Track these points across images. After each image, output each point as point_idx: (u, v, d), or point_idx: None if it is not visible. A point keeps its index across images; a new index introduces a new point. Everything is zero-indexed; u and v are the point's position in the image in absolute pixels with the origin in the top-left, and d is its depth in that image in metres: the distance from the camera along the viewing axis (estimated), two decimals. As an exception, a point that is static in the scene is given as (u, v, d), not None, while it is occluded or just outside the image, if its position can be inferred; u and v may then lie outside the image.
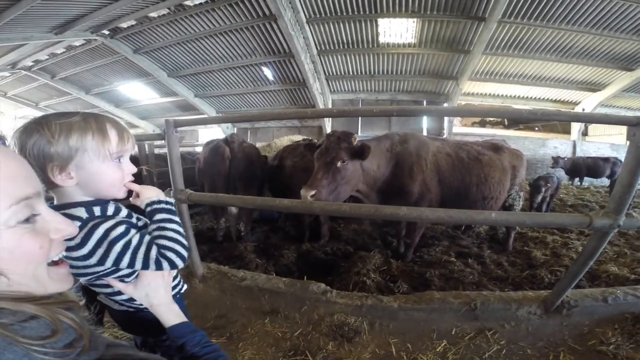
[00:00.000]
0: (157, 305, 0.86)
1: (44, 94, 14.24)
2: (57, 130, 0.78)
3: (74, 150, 0.79)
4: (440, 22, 8.40)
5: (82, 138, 0.80)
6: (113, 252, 0.82)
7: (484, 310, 2.12)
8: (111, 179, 0.86)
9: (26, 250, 0.46)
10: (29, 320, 0.43)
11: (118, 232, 0.83)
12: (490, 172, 3.22)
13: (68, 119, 0.80)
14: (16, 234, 0.44)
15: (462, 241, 3.95)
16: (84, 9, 7.19)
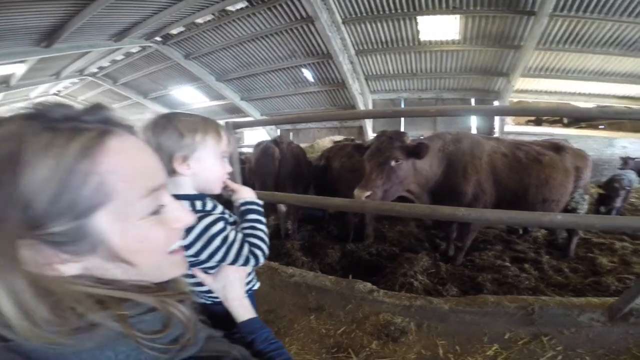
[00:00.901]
0: (232, 299, 0.88)
1: (107, 99, 15.64)
2: (187, 125, 0.91)
3: (198, 144, 0.92)
4: (485, 17, 8.01)
5: (205, 135, 0.93)
6: (211, 246, 0.91)
7: (542, 315, 2.03)
8: (217, 175, 0.98)
9: (154, 241, 0.47)
10: (147, 313, 0.44)
11: (218, 228, 0.93)
12: (552, 173, 3.02)
13: (192, 117, 0.94)
14: (146, 224, 0.45)
15: (518, 246, 3.73)
16: (138, 17, 7.81)
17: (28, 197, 0.37)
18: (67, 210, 0.39)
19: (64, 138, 0.39)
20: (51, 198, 0.38)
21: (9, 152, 0.36)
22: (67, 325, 0.38)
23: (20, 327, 0.36)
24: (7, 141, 0.37)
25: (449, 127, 10.24)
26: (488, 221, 1.96)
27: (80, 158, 0.39)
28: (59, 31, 6.92)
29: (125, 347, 0.40)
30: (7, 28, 6.08)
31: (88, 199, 0.40)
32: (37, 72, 10.08)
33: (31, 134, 0.38)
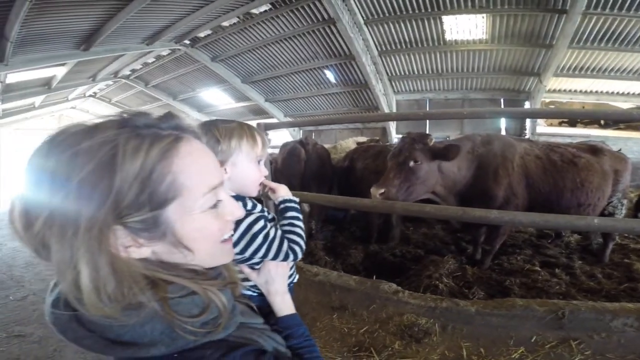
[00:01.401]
0: (274, 293, 0.91)
1: (140, 100, 16.33)
2: (223, 132, 0.97)
3: (233, 149, 0.97)
4: (513, 16, 7.75)
5: (240, 141, 0.98)
6: (254, 244, 0.96)
7: (572, 320, 1.99)
8: (253, 178, 1.03)
9: (211, 231, 0.53)
10: (187, 296, 0.49)
11: (259, 226, 0.98)
12: (588, 176, 2.90)
13: (229, 124, 1.00)
14: (206, 217, 0.52)
15: (549, 250, 3.61)
16: (168, 20, 8.07)
17: (120, 191, 0.44)
18: (147, 203, 0.46)
19: (148, 143, 0.47)
20: (137, 192, 0.45)
21: (108, 155, 0.44)
22: (122, 302, 0.44)
23: (89, 300, 0.43)
24: (106, 145, 0.44)
25: (477, 129, 9.94)
26: (521, 224, 1.92)
27: (159, 160, 0.47)
28: (96, 35, 7.27)
29: (159, 325, 0.46)
30: (49, 32, 6.43)
31: (164, 193, 0.47)
32: (76, 74, 10.64)
33: (124, 139, 0.45)
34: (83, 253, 0.42)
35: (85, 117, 17.87)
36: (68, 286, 0.43)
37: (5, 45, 5.89)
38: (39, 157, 0.45)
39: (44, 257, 0.46)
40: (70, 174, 0.42)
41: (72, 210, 0.42)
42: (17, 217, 0.45)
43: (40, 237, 0.44)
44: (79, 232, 0.42)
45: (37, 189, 0.44)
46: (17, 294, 3.70)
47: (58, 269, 0.43)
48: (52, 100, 14.28)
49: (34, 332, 2.90)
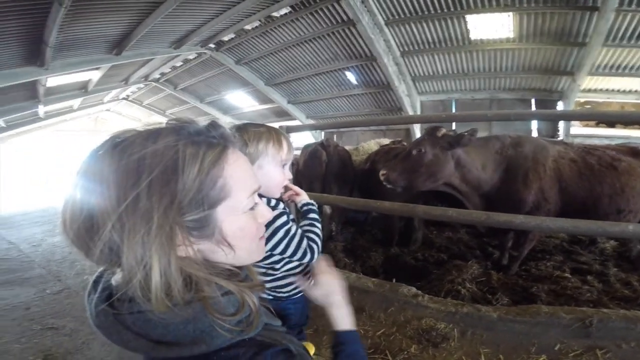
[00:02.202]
0: (335, 306, 0.86)
1: (169, 103, 16.96)
2: (252, 135, 1.02)
3: (260, 152, 1.03)
4: (541, 14, 7.44)
5: (267, 145, 1.03)
6: (275, 238, 1.02)
7: (600, 328, 1.91)
8: (277, 181, 1.08)
9: (251, 230, 0.58)
10: (224, 295, 0.51)
11: (281, 221, 1.04)
12: (629, 181, 2.74)
13: (258, 128, 1.05)
14: (247, 217, 0.57)
15: (581, 257, 3.44)
16: (193, 25, 8.32)
17: (183, 191, 0.48)
18: (203, 203, 0.50)
19: (203, 151, 0.51)
20: (194, 194, 0.49)
21: (172, 159, 0.48)
22: (173, 300, 0.46)
23: (157, 296, 0.45)
24: (170, 150, 0.48)
25: (506, 130, 9.56)
26: (549, 230, 1.84)
27: (213, 166, 0.52)
28: (126, 40, 7.61)
29: (201, 324, 0.48)
30: (84, 37, 6.80)
31: (216, 195, 0.52)
32: (110, 78, 11.20)
33: (183, 145, 0.50)
34: (155, 250, 0.45)
35: (119, 119, 18.83)
36: (137, 284, 0.45)
37: (45, 50, 6.26)
38: (102, 161, 0.48)
39: (100, 260, 0.48)
40: (141, 176, 0.46)
41: (144, 210, 0.45)
42: (77, 219, 0.48)
43: (106, 239, 0.45)
44: (151, 231, 0.45)
45: (102, 191, 0.46)
46: (54, 287, 3.93)
47: (128, 268, 0.45)
48: (88, 103, 15.11)
49: (66, 324, 3.07)
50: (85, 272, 3.19)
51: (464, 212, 1.96)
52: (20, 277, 4.30)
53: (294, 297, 1.18)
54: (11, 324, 3.12)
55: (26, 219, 8.42)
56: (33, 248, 5.67)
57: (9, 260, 5.09)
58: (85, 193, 0.47)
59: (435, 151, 2.74)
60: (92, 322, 0.50)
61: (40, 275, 4.35)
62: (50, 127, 19.04)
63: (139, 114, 19.64)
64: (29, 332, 2.95)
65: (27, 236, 6.57)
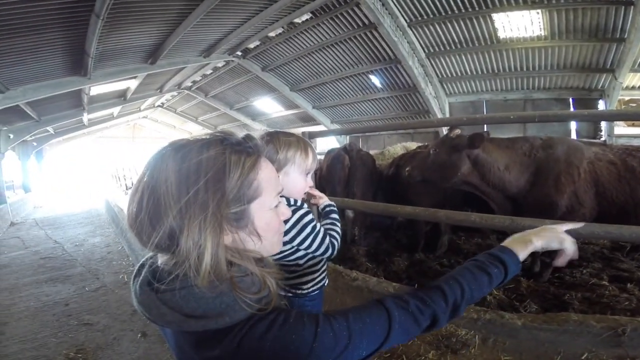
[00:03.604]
0: (531, 243, 0.86)
1: (200, 110, 17.67)
2: (282, 144, 1.13)
3: (288, 160, 1.13)
4: (572, 10, 7.10)
5: (295, 154, 1.14)
6: (303, 233, 1.12)
7: (634, 337, 1.78)
8: (300, 187, 1.18)
9: (275, 224, 0.70)
10: (247, 276, 0.61)
11: (309, 219, 1.14)
12: None
13: (288, 137, 1.16)
14: (272, 213, 0.68)
15: (622, 264, 3.22)
16: (220, 33, 8.66)
17: (229, 189, 0.59)
18: (242, 199, 0.62)
19: (244, 158, 0.62)
20: (237, 191, 0.61)
21: (222, 164, 0.59)
22: (216, 277, 0.57)
23: (205, 272, 0.56)
24: (220, 157, 0.60)
25: (542, 131, 9.11)
26: (579, 235, 1.74)
27: (250, 170, 0.63)
28: (160, 49, 8.05)
29: (227, 298, 0.57)
30: (121, 47, 7.28)
31: (252, 193, 0.63)
32: (146, 86, 11.89)
33: (229, 154, 0.61)
34: (209, 234, 0.56)
35: (155, 125, 19.74)
36: (192, 261, 0.55)
37: (87, 61, 6.75)
38: (166, 164, 0.58)
39: (157, 245, 0.58)
40: (200, 175, 0.57)
41: (202, 201, 0.56)
42: (142, 210, 0.58)
43: (167, 226, 0.56)
44: (207, 218, 0.56)
45: (167, 188, 0.56)
46: (92, 285, 4.21)
47: (187, 248, 0.55)
48: (127, 111, 16.06)
49: (100, 321, 3.27)
50: (121, 271, 3.45)
51: (487, 217, 1.90)
52: (62, 275, 4.66)
53: (312, 293, 1.26)
54: (51, 319, 3.38)
55: (71, 220, 9.07)
56: (76, 247, 6.10)
57: (53, 258, 5.51)
58: (149, 190, 0.58)
59: (448, 151, 2.86)
60: (135, 300, 0.60)
61: (80, 274, 4.68)
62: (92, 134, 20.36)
63: (173, 121, 20.57)
64: (65, 327, 3.18)
65: (71, 236, 7.09)
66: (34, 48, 5.71)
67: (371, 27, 8.35)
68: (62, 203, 13.05)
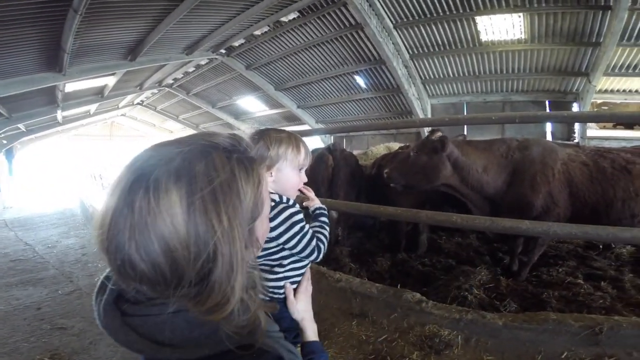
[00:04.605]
0: (309, 320, 1.02)
1: (182, 108, 17.28)
2: (273, 140, 1.10)
3: (280, 156, 1.10)
4: (553, 14, 7.34)
5: (287, 150, 1.11)
6: (291, 232, 1.09)
7: (611, 336, 1.84)
8: (294, 183, 1.15)
9: (267, 230, 0.70)
10: (239, 307, 0.54)
11: (298, 218, 1.12)
12: None
13: (279, 134, 1.13)
14: (266, 221, 0.66)
15: (595, 262, 3.33)
16: (204, 30, 8.48)
17: (244, 214, 0.53)
18: (253, 218, 0.56)
19: (251, 173, 0.55)
20: (251, 213, 0.55)
21: (229, 177, 0.51)
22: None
23: (219, 306, 0.50)
24: (225, 167, 0.52)
25: (520, 133, 9.36)
26: (557, 235, 1.79)
27: (259, 185, 0.57)
28: (140, 46, 7.82)
29: (207, 330, 0.50)
30: (99, 43, 7.01)
31: (259, 208, 0.58)
32: (125, 83, 11.51)
33: (238, 171, 0.53)
34: (239, 267, 0.51)
35: (134, 124, 19.18)
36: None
37: (62, 57, 6.46)
38: (171, 196, 0.47)
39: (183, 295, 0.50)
40: (219, 202, 0.49)
41: (228, 234, 0.49)
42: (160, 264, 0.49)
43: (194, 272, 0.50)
44: (234, 250, 0.50)
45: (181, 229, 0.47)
46: (66, 288, 4.02)
47: (218, 288, 0.49)
48: (104, 108, 15.54)
49: (74, 325, 3.13)
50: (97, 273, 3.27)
51: (468, 218, 1.93)
52: (34, 278, 4.43)
53: None
54: (22, 323, 3.20)
55: (44, 221, 8.67)
56: (48, 249, 5.82)
57: (24, 261, 5.24)
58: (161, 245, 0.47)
59: (428, 153, 2.86)
60: (99, 322, 0.51)
61: (53, 276, 4.47)
62: (68, 132, 19.62)
63: (152, 119, 20.06)
64: (38, 332, 3.02)
65: (44, 238, 6.77)
66: (5, 43, 5.42)
67: (357, 27, 8.36)
68: (34, 203, 12.49)
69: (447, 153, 2.80)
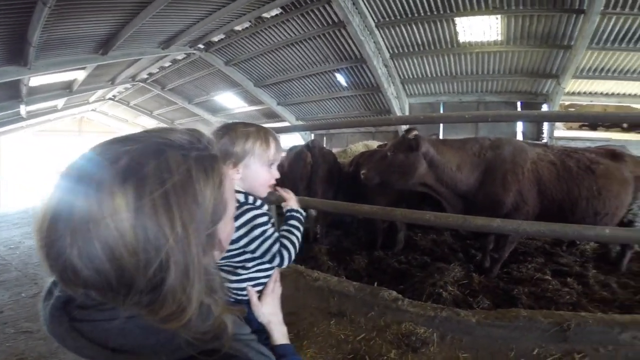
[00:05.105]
0: (276, 323, 0.97)
1: (156, 104, 16.72)
2: (239, 135, 1.03)
3: (247, 152, 1.03)
4: (529, 17, 7.58)
5: (254, 144, 1.04)
6: (251, 235, 1.02)
7: (578, 332, 1.92)
8: (264, 180, 1.08)
9: (232, 229, 0.62)
10: (200, 311, 0.50)
11: (261, 220, 1.04)
12: (606, 184, 2.77)
13: (247, 128, 1.06)
14: (231, 223, 0.61)
15: (562, 259, 3.47)
16: (182, 25, 8.24)
17: (201, 218, 0.48)
18: (214, 221, 0.52)
19: (210, 172, 0.51)
20: (210, 216, 0.50)
21: (184, 179, 0.47)
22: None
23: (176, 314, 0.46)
24: (180, 167, 0.47)
25: (492, 132, 9.67)
26: (526, 233, 1.85)
27: (220, 185, 0.52)
28: (113, 39, 7.50)
29: (163, 337, 0.47)
30: (69, 36, 6.67)
31: (221, 210, 0.54)
32: (95, 77, 11.01)
33: (195, 170, 0.48)
34: (196, 276, 0.47)
35: (105, 119, 18.39)
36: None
37: (27, 50, 6.12)
38: (116, 198, 0.42)
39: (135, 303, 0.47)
40: (172, 207, 0.45)
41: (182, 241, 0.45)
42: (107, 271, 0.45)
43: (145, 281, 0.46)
44: (190, 259, 0.47)
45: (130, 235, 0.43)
46: (29, 291, 3.81)
47: (171, 298, 0.46)
48: (73, 103, 14.80)
49: (40, 329, 2.94)
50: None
51: (442, 216, 1.96)
52: (-5, 280, 4.16)
53: None
54: (-17, 327, 3.00)
55: (5, 221, 8.16)
56: (10, 251, 5.48)
57: (-16, 263, 4.92)
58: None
59: (405, 152, 2.87)
60: (45, 328, 0.48)
61: (16, 278, 4.22)
62: (33, 128, 18.58)
63: (125, 114, 19.32)
64: (1, 336, 2.86)
65: (5, 238, 6.36)
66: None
67: (340, 25, 8.34)
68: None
69: (423, 152, 2.82)
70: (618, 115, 4.74)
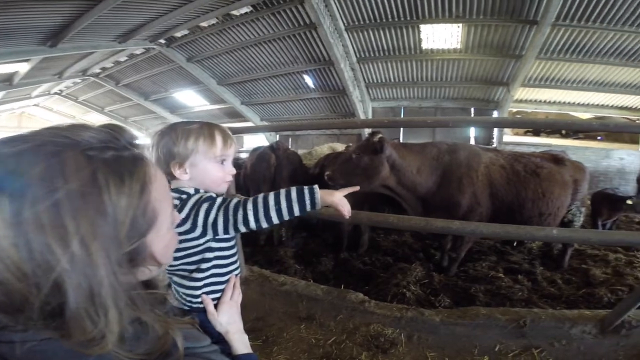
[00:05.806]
0: (235, 332, 0.92)
1: (109, 100, 15.66)
2: (180, 134, 0.97)
3: (190, 150, 0.97)
4: (487, 26, 8.07)
5: (197, 142, 0.98)
6: (201, 211, 0.93)
7: (533, 328, 2.03)
8: (215, 177, 1.02)
9: (173, 243, 0.58)
10: (132, 322, 0.46)
11: (206, 196, 0.97)
12: (549, 187, 3.01)
13: (189, 125, 1.00)
14: (171, 232, 0.56)
15: (512, 257, 3.71)
16: (143, 19, 7.84)
17: (112, 232, 0.42)
18: (134, 235, 0.45)
19: (127, 177, 0.44)
20: (128, 230, 0.44)
21: (83, 186, 0.40)
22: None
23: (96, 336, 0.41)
24: (81, 172, 0.40)
25: (448, 137, 10.23)
26: (483, 235, 1.97)
27: (139, 196, 0.45)
28: (65, 31, 6.96)
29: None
30: (13, 27, 6.11)
31: (147, 222, 0.47)
32: (40, 71, 10.13)
33: (102, 175, 0.42)
34: (110, 298, 0.42)
35: (49, 115, 16.86)
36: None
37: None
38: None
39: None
40: (66, 220, 0.39)
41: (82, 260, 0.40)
42: None
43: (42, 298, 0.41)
44: (99, 279, 0.42)
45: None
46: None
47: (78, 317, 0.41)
48: (12, 97, 13.46)
49: None
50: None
51: (405, 218, 2.03)
52: None
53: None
54: None
55: None
56: None
57: None
58: None
59: (369, 155, 2.90)
60: None
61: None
62: (-37, 122, 16.61)
63: (72, 111, 17.91)
64: None
65: None
66: None
67: (311, 27, 8.35)
68: None
69: (387, 155, 2.88)
70: (566, 123, 5.20)
